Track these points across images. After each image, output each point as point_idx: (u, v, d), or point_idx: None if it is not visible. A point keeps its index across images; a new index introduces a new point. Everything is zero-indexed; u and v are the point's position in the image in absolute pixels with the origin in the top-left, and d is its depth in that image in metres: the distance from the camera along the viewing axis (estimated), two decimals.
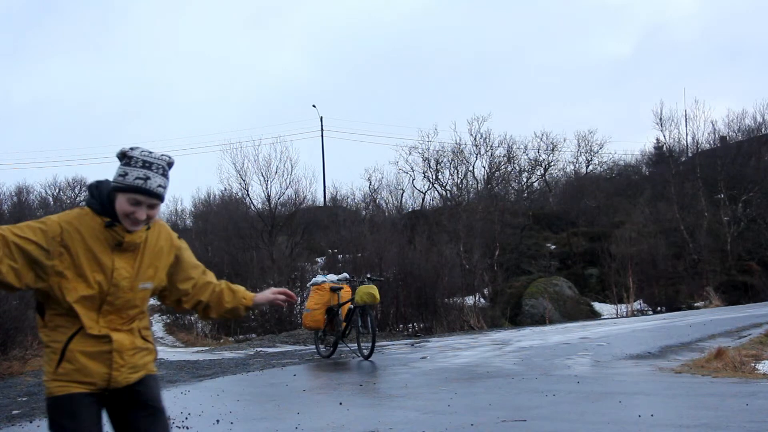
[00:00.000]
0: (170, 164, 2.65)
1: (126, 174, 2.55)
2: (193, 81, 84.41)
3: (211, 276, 2.91)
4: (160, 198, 2.59)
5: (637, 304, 22.55)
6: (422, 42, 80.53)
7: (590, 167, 38.14)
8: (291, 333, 15.44)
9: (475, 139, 30.20)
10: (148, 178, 2.55)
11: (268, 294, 3.00)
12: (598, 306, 23.14)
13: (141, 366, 2.67)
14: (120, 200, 2.55)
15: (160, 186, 2.58)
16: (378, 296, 10.20)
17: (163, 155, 2.63)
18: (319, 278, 11.08)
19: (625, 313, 21.47)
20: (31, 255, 2.45)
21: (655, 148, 38.60)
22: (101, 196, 2.59)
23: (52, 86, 78.32)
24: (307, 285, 12.69)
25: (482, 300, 21.51)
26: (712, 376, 7.51)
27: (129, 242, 2.59)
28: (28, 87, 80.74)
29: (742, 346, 9.99)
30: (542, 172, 36.00)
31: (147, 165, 2.56)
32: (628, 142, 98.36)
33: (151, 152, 2.60)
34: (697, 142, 30.85)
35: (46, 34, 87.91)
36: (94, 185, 2.63)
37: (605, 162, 38.96)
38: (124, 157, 2.60)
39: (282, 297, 3.00)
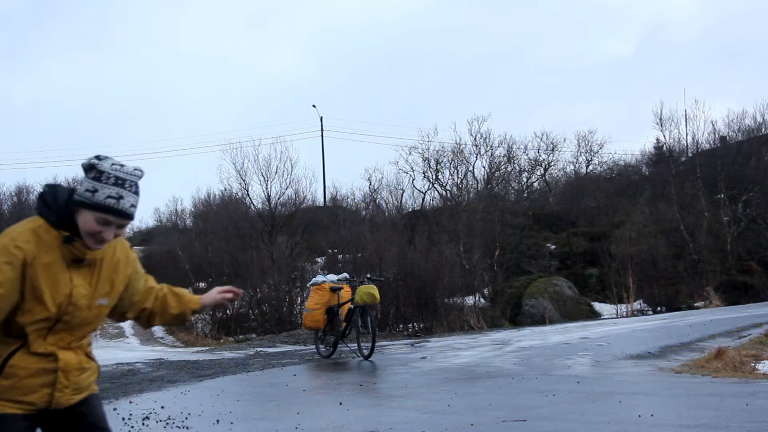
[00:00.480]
0: (141, 178, 2.41)
1: (96, 190, 2.29)
2: (193, 81, 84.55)
3: (152, 281, 2.70)
4: (132, 218, 2.37)
5: (637, 304, 22.55)
6: (422, 42, 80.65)
7: (590, 167, 38.16)
8: (291, 333, 15.44)
9: (475, 139, 30.23)
10: (120, 197, 2.30)
11: (215, 294, 2.79)
12: (598, 306, 23.13)
13: (85, 387, 2.46)
14: (86, 217, 2.30)
15: (132, 206, 2.34)
16: (378, 296, 10.20)
17: (135, 169, 2.39)
18: (319, 278, 11.08)
19: (625, 313, 21.47)
20: (12, 299, 2.25)
21: (655, 148, 38.63)
22: (58, 206, 2.32)
23: (52, 86, 78.46)
24: (307, 285, 12.69)
25: (482, 300, 21.51)
26: (712, 376, 7.50)
27: (90, 258, 2.36)
28: (28, 87, 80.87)
29: (742, 346, 9.99)
30: (542, 172, 36.02)
31: (120, 182, 2.31)
32: (628, 142, 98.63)
33: (122, 165, 2.35)
34: (697, 142, 30.88)
35: (46, 34, 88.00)
36: (48, 192, 2.36)
37: (605, 162, 38.99)
38: (92, 169, 2.33)
39: (229, 296, 2.80)
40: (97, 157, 2.35)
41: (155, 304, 2.66)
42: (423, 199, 31.76)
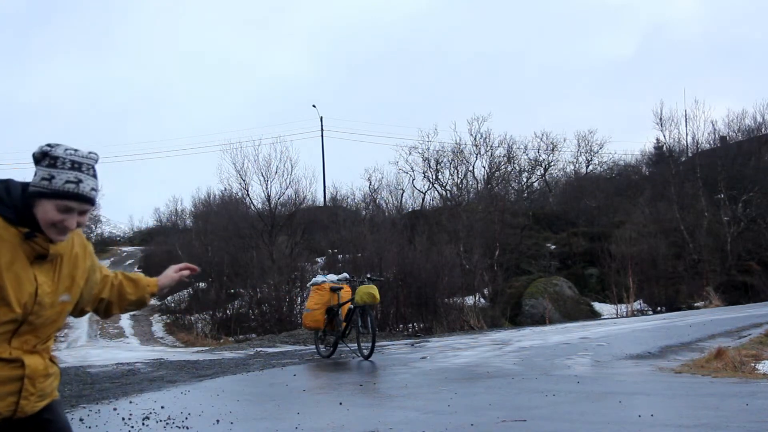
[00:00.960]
0: (97, 161, 2.30)
1: (52, 177, 2.17)
2: (193, 81, 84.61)
3: (105, 270, 2.59)
4: (93, 202, 2.25)
5: (637, 304, 22.56)
6: (422, 42, 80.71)
7: (590, 167, 38.25)
8: (291, 333, 15.44)
9: (475, 139, 30.29)
10: (80, 180, 2.20)
11: (171, 274, 2.76)
12: (598, 306, 23.14)
13: (48, 393, 2.34)
14: (45, 207, 2.17)
15: (93, 189, 2.23)
16: (378, 296, 10.20)
17: (90, 153, 2.28)
18: (319, 278, 11.08)
19: (625, 313, 21.47)
20: None
21: (655, 148, 38.65)
22: (14, 201, 2.19)
23: (53, 86, 78.54)
24: (307, 285, 12.69)
25: (482, 300, 21.52)
26: (712, 376, 7.50)
27: (53, 254, 2.24)
28: (29, 87, 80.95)
29: (742, 346, 9.99)
30: (542, 172, 36.12)
31: (76, 166, 2.21)
32: (628, 142, 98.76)
33: (76, 150, 2.25)
34: (697, 142, 30.90)
35: (47, 35, 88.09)
36: (1, 188, 2.21)
37: (605, 162, 39.09)
38: (45, 157, 2.21)
39: (186, 272, 2.77)
40: (48, 145, 2.24)
41: (111, 293, 2.58)
42: (423, 199, 31.84)
